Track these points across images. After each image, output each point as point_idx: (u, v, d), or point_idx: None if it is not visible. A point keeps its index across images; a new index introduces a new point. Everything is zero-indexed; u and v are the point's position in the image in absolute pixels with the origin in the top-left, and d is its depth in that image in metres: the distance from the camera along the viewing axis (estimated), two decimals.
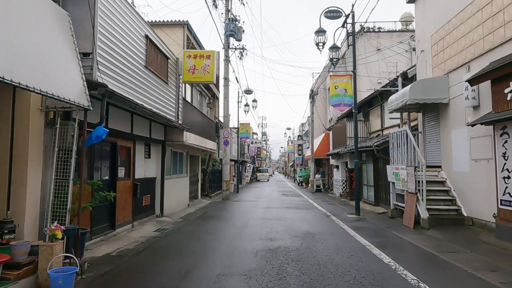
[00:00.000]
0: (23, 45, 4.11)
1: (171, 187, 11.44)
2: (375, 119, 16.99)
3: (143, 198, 9.44)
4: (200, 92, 14.93)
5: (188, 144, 11.19)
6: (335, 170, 21.58)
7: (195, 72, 10.19)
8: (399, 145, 10.13)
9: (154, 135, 9.77)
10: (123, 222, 8.16)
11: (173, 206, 11.62)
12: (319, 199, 17.90)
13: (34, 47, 4.33)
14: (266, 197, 18.92)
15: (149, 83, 8.36)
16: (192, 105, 12.56)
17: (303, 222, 9.76)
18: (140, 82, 7.76)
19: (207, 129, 15.26)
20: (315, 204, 15.08)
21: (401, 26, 30.20)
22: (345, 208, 13.47)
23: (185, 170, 13.45)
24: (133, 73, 7.34)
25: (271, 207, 13.82)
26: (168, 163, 11.32)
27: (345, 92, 11.43)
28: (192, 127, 12.20)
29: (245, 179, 35.17)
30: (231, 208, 13.73)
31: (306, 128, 41.91)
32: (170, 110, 10.03)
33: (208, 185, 18.72)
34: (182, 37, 18.21)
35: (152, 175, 10.10)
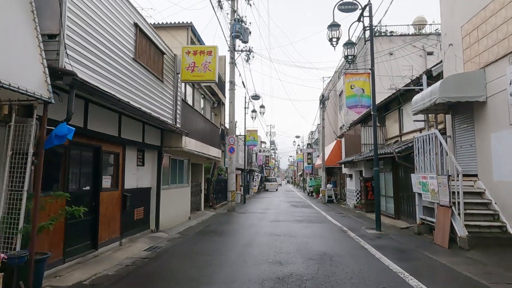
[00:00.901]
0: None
1: (169, 198, 10.32)
2: (392, 124, 15.71)
3: (135, 211, 8.32)
4: (204, 96, 13.90)
5: (187, 150, 10.09)
6: (348, 179, 20.24)
7: (195, 70, 9.13)
8: (426, 151, 8.87)
9: (148, 140, 8.69)
10: (109, 239, 7.02)
11: (172, 219, 10.47)
12: (332, 211, 16.57)
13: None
14: (274, 209, 17.65)
15: (139, 79, 7.31)
16: (193, 108, 11.51)
17: (317, 240, 8.50)
18: (126, 76, 6.71)
19: (211, 135, 14.18)
20: (328, 217, 13.78)
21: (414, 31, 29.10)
22: (362, 222, 12.15)
23: (186, 180, 12.34)
24: (117, 64, 6.28)
25: (280, 220, 12.57)
26: (165, 172, 10.22)
27: (363, 92, 10.25)
28: (193, 132, 11.12)
29: (252, 188, 33.90)
30: (236, 221, 12.51)
31: (316, 136, 40.59)
32: (167, 112, 8.96)
33: (212, 195, 17.56)
34: (186, 39, 17.34)
35: (146, 185, 8.99)
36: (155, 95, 8.22)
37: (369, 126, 16.88)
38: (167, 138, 9.60)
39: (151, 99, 8.04)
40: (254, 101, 21.97)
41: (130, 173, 8.05)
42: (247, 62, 17.61)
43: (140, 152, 8.61)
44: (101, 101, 5.86)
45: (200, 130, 12.38)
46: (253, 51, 17.43)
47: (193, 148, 10.72)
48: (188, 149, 10.03)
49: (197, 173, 14.48)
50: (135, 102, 6.97)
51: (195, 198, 13.84)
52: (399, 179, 12.53)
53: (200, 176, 14.62)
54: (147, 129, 8.57)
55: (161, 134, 9.52)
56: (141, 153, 8.71)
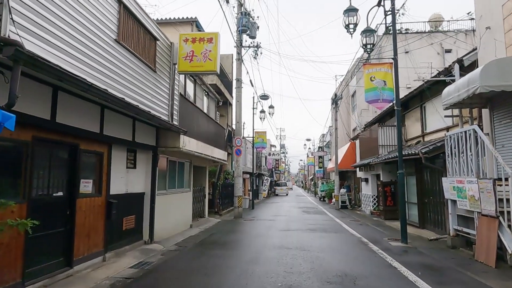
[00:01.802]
0: None
1: (166, 205, 9.24)
2: (412, 124, 14.39)
3: (124, 220, 7.24)
4: (207, 93, 12.83)
5: (186, 151, 9.00)
6: (364, 183, 18.89)
7: (193, 60, 8.06)
8: (461, 151, 7.60)
9: (140, 138, 7.63)
10: (88, 255, 5.95)
11: (169, 228, 9.38)
12: (347, 218, 15.26)
13: None
14: (284, 215, 16.43)
15: (124, 65, 6.25)
16: (194, 104, 10.43)
17: (335, 254, 7.28)
18: (106, 60, 5.65)
19: (215, 136, 13.09)
20: (344, 225, 12.50)
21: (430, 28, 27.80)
22: (383, 231, 10.85)
23: (188, 184, 11.25)
24: (91, 43, 5.22)
25: (290, 229, 11.36)
26: (162, 175, 9.14)
27: (384, 84, 9.03)
28: (194, 132, 10.04)
29: (262, 193, 32.68)
30: (242, 230, 11.35)
31: (328, 138, 39.23)
32: (161, 107, 7.90)
33: (218, 200, 16.44)
34: None
35: (138, 190, 7.92)
36: (145, 86, 7.17)
37: (387, 126, 15.59)
38: (163, 137, 8.54)
39: (141, 90, 6.98)
40: (262, 101, 20.85)
41: (118, 176, 6.99)
42: (255, 59, 16.56)
43: (130, 152, 7.56)
44: (73, 88, 4.79)
45: (203, 129, 11.30)
46: (261, 46, 16.35)
47: (194, 149, 9.64)
48: (187, 150, 8.94)
49: (200, 176, 13.39)
50: (117, 91, 5.91)
51: (198, 204, 12.75)
52: (424, 183, 11.22)
53: (204, 180, 13.53)
54: (139, 126, 7.52)
55: (156, 132, 8.46)
56: (132, 154, 7.65)
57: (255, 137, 22.61)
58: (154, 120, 6.84)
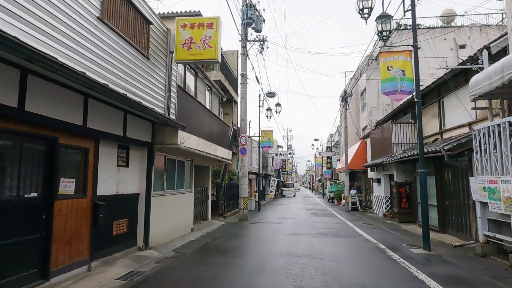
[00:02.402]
0: None
1: (164, 207, 8.50)
2: (429, 120, 13.46)
3: (114, 224, 6.51)
4: (210, 88, 12.09)
5: (185, 148, 8.26)
6: (376, 184, 17.97)
7: (192, 47, 7.32)
8: (493, 147, 6.73)
9: (133, 134, 6.91)
10: (69, 264, 5.22)
11: (168, 232, 8.65)
12: (359, 221, 14.38)
13: None
14: (292, 218, 15.60)
15: (108, 47, 5.50)
16: (194, 98, 9.67)
17: (351, 264, 6.45)
18: (86, 39, 4.92)
19: (218, 134, 12.34)
20: (356, 229, 11.64)
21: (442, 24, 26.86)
22: (400, 236, 9.98)
23: (188, 184, 10.50)
24: (66, 18, 4.49)
25: (299, 233, 10.54)
26: (159, 175, 8.41)
27: (403, 74, 8.18)
28: (195, 128, 9.31)
29: (269, 194, 31.85)
30: (247, 234, 10.56)
31: (336, 138, 38.28)
32: (155, 99, 7.17)
33: (222, 202, 15.69)
34: None
35: (131, 191, 7.20)
36: (136, 74, 6.44)
37: (401, 123, 14.68)
38: (160, 133, 7.81)
39: (130, 78, 6.25)
40: (269, 98, 20.05)
41: (107, 175, 6.27)
42: (260, 53, 15.77)
43: (122, 149, 6.83)
44: (42, 70, 4.06)
45: (205, 126, 10.56)
46: (267, 40, 15.56)
47: (194, 147, 8.89)
48: (186, 147, 8.20)
49: (203, 177, 12.65)
50: (100, 77, 5.18)
51: (201, 206, 12.00)
52: (445, 183, 10.31)
53: (206, 180, 12.79)
54: (131, 120, 6.79)
55: (152, 128, 7.73)
56: (124, 151, 6.93)
57: (261, 136, 21.82)
58: (146, 112, 6.09)
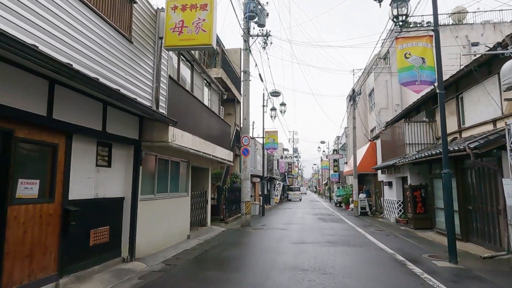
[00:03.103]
0: None
1: (154, 212, 7.62)
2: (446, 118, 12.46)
3: (92, 233, 5.63)
4: (208, 84, 11.22)
5: (177, 147, 7.38)
6: (387, 188, 16.93)
7: (183, 32, 6.47)
8: None
9: (115, 129, 6.05)
10: (29, 283, 4.34)
11: (158, 240, 7.75)
12: (370, 227, 13.36)
13: None
14: (298, 223, 14.62)
15: (74, 21, 4.63)
16: (189, 92, 8.77)
17: (367, 281, 5.48)
18: (47, 12, 4.08)
19: (218, 133, 11.46)
20: (369, 236, 10.64)
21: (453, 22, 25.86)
22: (417, 245, 8.97)
23: (184, 187, 9.61)
24: None
25: (305, 241, 9.57)
26: (149, 176, 7.54)
27: (422, 62, 7.23)
28: (189, 125, 8.44)
29: (274, 198, 30.85)
30: (248, 242, 9.63)
31: (343, 140, 37.23)
32: (139, 88, 6.30)
33: (224, 206, 14.77)
34: None
35: (114, 194, 6.32)
36: (116, 59, 5.58)
37: (415, 122, 13.67)
38: (148, 129, 6.94)
39: (108, 62, 5.39)
40: (273, 98, 19.16)
41: (83, 176, 5.40)
42: (264, 49, 14.90)
43: (103, 146, 5.97)
44: None
45: (202, 124, 9.68)
46: (271, 35, 14.69)
47: (188, 145, 8.01)
48: (178, 145, 7.32)
49: (202, 179, 11.76)
50: (64, 56, 4.33)
51: (199, 210, 11.10)
52: (468, 186, 9.29)
53: (206, 183, 11.89)
54: (113, 113, 5.93)
55: (139, 123, 6.87)
56: (106, 149, 6.07)
57: (266, 137, 20.90)
58: (126, 101, 5.21)
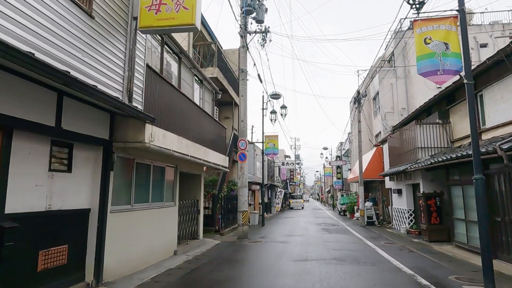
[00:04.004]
0: None
1: (132, 226, 6.48)
2: (461, 119, 11.34)
3: (41, 255, 4.48)
4: (200, 81, 10.13)
5: (157, 149, 6.25)
6: (395, 196, 15.73)
7: (161, 10, 5.41)
8: None
9: (76, 126, 4.94)
10: None
11: (137, 259, 6.59)
12: (379, 239, 12.13)
13: None
14: (300, 235, 13.41)
15: None
16: (174, 87, 7.63)
17: None
18: None
19: (212, 136, 10.36)
20: (380, 251, 9.43)
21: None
22: (438, 262, 7.77)
23: (171, 196, 8.47)
24: None
25: (309, 257, 8.37)
26: (124, 184, 6.40)
27: (446, 48, 6.12)
28: (175, 124, 7.34)
29: (275, 206, 29.60)
30: (243, 259, 8.44)
31: (347, 146, 36.05)
32: (105, 76, 5.19)
33: (220, 217, 13.60)
34: None
35: (77, 205, 5.19)
36: (69, 35, 4.48)
37: (428, 124, 12.52)
38: (121, 127, 5.83)
39: (58, 39, 4.30)
40: (273, 100, 18.08)
41: (28, 183, 4.28)
42: (262, 47, 13.86)
43: (60, 147, 4.86)
44: None
45: (191, 125, 8.58)
46: (270, 31, 13.66)
47: (173, 148, 6.88)
48: (158, 147, 6.19)
49: (193, 187, 10.62)
50: None
51: (189, 222, 9.92)
52: (494, 194, 8.10)
53: (197, 191, 10.73)
54: (73, 106, 4.83)
55: (110, 120, 5.77)
56: (64, 149, 4.95)
57: (266, 141, 19.77)
58: (79, 87, 4.07)
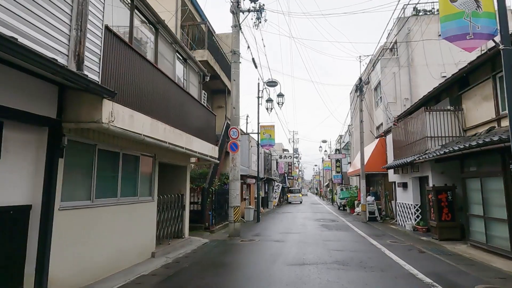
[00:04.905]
0: None
1: (91, 226, 5.35)
2: (476, 105, 10.22)
3: None
4: (184, 59, 8.94)
5: (120, 131, 5.09)
6: (400, 190, 14.65)
7: None
8: None
9: (9, 99, 3.79)
10: None
11: (100, 265, 5.47)
12: (384, 237, 11.07)
13: None
14: (298, 232, 12.32)
15: None
16: (146, 59, 6.38)
17: None
18: None
19: (198, 123, 9.20)
20: (387, 251, 8.35)
21: None
22: (455, 265, 6.69)
23: (148, 190, 7.33)
24: None
25: (307, 260, 7.28)
26: (81, 174, 5.26)
27: (477, 7, 4.98)
28: (148, 104, 6.18)
29: (272, 201, 28.53)
30: (230, 263, 7.32)
31: (347, 139, 34.94)
32: (43, 34, 3.99)
33: (210, 212, 12.50)
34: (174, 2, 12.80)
35: (8, 201, 4.05)
36: None
37: (438, 111, 11.38)
38: (73, 103, 4.67)
39: None
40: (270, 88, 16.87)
41: None
42: (257, 27, 12.61)
43: None
44: None
45: (170, 107, 7.40)
46: (264, 9, 12.41)
47: (144, 132, 5.73)
48: (121, 129, 5.04)
49: (177, 180, 9.49)
50: None
51: (173, 219, 8.80)
52: None
53: (182, 184, 9.59)
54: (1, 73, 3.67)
55: (59, 95, 4.60)
56: None
57: (261, 132, 18.62)
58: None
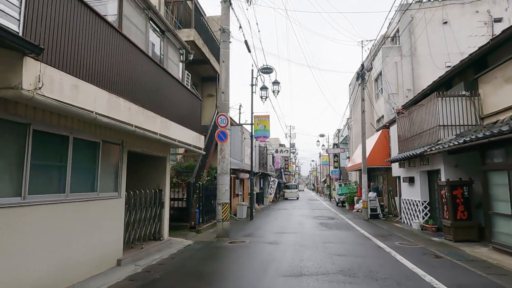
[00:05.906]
0: None
1: (23, 229, 4.07)
2: (496, 89, 9.00)
3: None
4: (162, 32, 7.61)
5: (54, 104, 3.77)
6: (405, 185, 13.43)
7: None
8: None
9: None
10: None
11: (39, 282, 4.20)
12: (391, 238, 9.87)
13: None
14: (294, 232, 11.10)
15: None
16: (102, 17, 5.01)
17: None
18: None
19: (178, 106, 7.91)
20: (398, 257, 7.14)
21: None
22: (486, 276, 5.48)
23: (112, 184, 6.05)
24: None
25: (304, 271, 6.03)
26: (4, 164, 3.97)
27: None
28: (103, 74, 4.87)
29: (267, 197, 27.30)
30: (212, 273, 6.04)
31: (345, 133, 33.70)
32: None
33: (197, 210, 11.22)
34: None
35: None
36: None
37: (451, 96, 10.13)
38: None
39: None
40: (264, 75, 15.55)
41: None
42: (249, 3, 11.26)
43: None
44: None
45: (141, 84, 6.09)
46: None
47: (97, 109, 4.44)
48: (56, 102, 3.75)
49: (155, 173, 8.21)
50: None
51: (149, 219, 7.53)
52: None
53: (161, 178, 8.30)
54: None
55: None
56: None
57: (255, 123, 17.33)
58: None
